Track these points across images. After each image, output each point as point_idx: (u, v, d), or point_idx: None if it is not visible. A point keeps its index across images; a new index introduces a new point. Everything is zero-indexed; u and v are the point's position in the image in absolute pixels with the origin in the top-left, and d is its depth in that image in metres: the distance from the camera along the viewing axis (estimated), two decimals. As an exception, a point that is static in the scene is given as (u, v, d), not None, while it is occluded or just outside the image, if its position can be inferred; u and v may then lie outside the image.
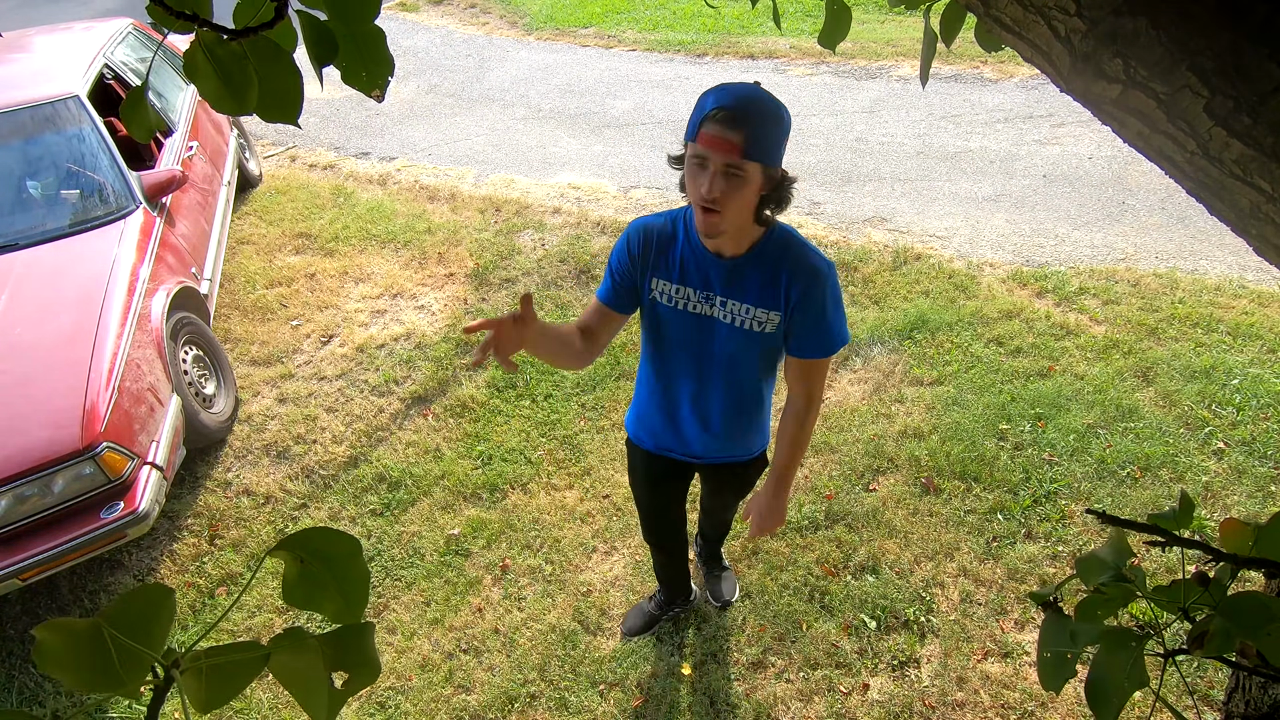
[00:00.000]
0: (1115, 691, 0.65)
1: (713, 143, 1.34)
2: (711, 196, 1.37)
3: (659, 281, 1.62)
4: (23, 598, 2.86)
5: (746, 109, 1.34)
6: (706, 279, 1.57)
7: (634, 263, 1.64)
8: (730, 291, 1.56)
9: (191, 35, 0.71)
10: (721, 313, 1.59)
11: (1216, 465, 2.85)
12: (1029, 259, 4.09)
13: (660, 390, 1.80)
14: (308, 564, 0.56)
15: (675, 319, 1.64)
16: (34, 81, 3.70)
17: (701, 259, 1.57)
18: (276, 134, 6.37)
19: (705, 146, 1.35)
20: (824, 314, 1.55)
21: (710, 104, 1.35)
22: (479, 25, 8.50)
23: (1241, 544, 0.71)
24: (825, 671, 2.34)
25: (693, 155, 1.39)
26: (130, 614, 0.46)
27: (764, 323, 1.57)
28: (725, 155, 1.34)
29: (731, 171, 1.36)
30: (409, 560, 2.83)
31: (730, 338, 1.61)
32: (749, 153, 1.34)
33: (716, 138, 1.33)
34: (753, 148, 1.34)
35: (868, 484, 2.93)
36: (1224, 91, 0.60)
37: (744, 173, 1.36)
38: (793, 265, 1.52)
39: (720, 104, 1.34)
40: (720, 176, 1.36)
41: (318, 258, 4.60)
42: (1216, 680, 2.19)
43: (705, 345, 1.65)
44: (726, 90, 1.36)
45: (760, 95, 1.37)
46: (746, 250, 1.53)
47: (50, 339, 2.75)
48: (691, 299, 1.60)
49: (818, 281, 1.52)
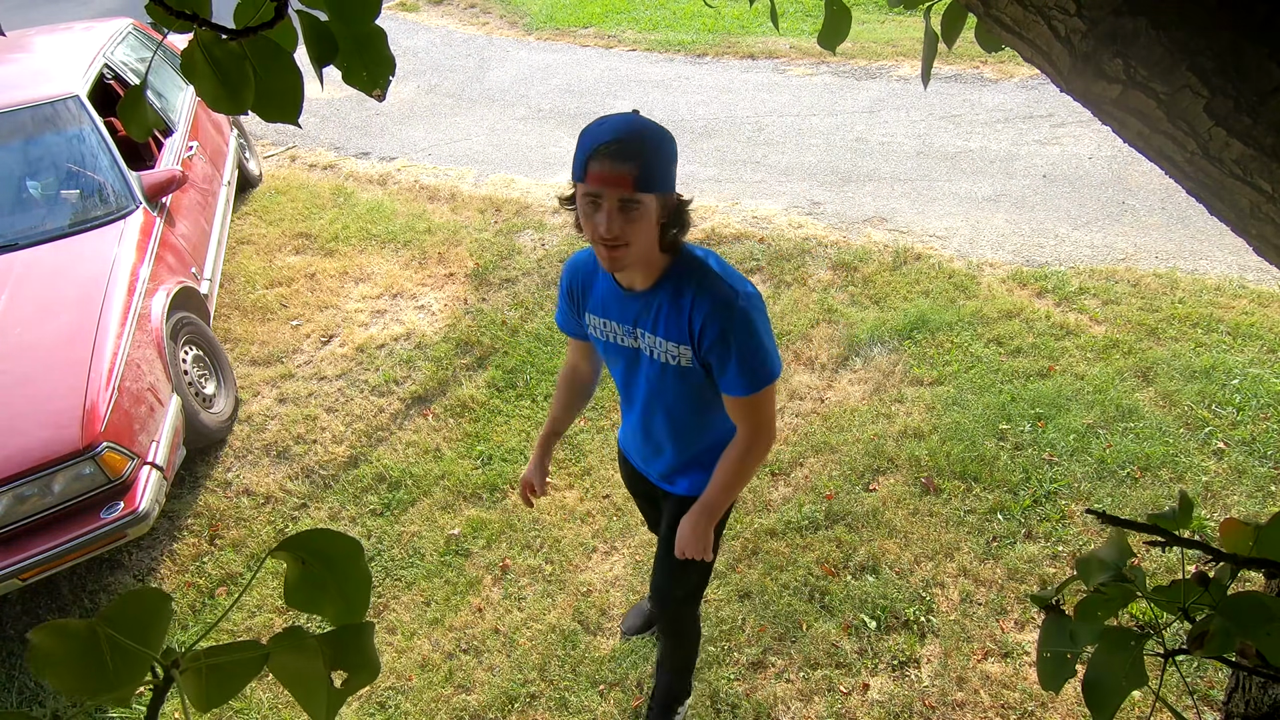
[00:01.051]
0: (1112, 690, 0.65)
1: (604, 179, 1.29)
2: (612, 234, 1.32)
3: (591, 316, 1.63)
4: (23, 598, 2.86)
5: (633, 141, 1.29)
6: (625, 313, 1.55)
7: (570, 302, 1.68)
8: (645, 324, 1.52)
9: (191, 35, 0.71)
10: (643, 344, 1.56)
11: (1216, 465, 2.85)
12: (1029, 259, 4.09)
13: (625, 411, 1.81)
14: (309, 566, 0.56)
15: (610, 352, 1.64)
16: (34, 81, 3.70)
17: (619, 293, 1.54)
18: (276, 134, 6.37)
19: (597, 184, 1.30)
20: (736, 348, 1.43)
21: (594, 140, 1.31)
22: (479, 25, 8.50)
23: (1241, 544, 0.71)
24: (825, 671, 2.34)
25: (584, 194, 1.34)
26: (126, 618, 0.46)
27: (677, 356, 1.51)
28: (618, 190, 1.30)
29: (627, 205, 1.32)
30: (409, 560, 2.83)
31: (654, 371, 1.57)
32: (642, 184, 1.30)
33: (607, 174, 1.29)
34: (645, 179, 1.30)
35: (868, 484, 2.93)
36: (1224, 91, 0.60)
37: (640, 205, 1.32)
38: (697, 296, 1.44)
39: (605, 139, 1.29)
40: (617, 213, 1.32)
41: (318, 258, 4.60)
42: (1216, 680, 2.19)
43: (638, 377, 1.63)
44: (608, 124, 1.32)
45: (644, 124, 1.33)
46: (655, 281, 1.48)
47: (50, 339, 2.76)
48: (617, 332, 1.58)
49: (726, 313, 1.42)
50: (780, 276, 4.11)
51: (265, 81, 0.72)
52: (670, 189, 1.38)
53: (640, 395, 1.66)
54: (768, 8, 1.75)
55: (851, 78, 6.33)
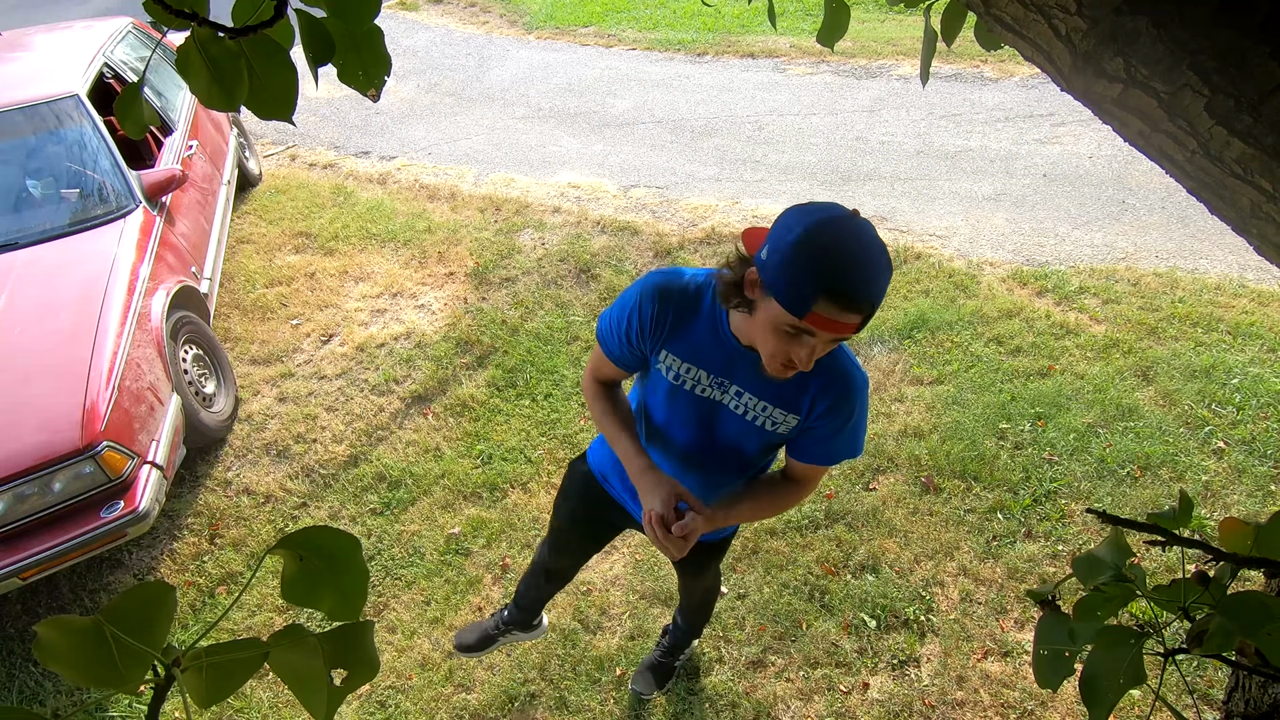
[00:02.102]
0: (1109, 688, 0.65)
1: (830, 327, 1.11)
2: (808, 368, 1.20)
3: (669, 355, 1.41)
4: (23, 596, 2.86)
5: (871, 286, 1.08)
6: (725, 366, 1.38)
7: (643, 332, 1.41)
8: (750, 386, 1.38)
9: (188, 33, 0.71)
10: (734, 403, 1.41)
11: (1216, 464, 2.85)
12: (1029, 258, 4.09)
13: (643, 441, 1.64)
14: (307, 561, 0.56)
15: (678, 397, 1.45)
16: (34, 81, 3.70)
17: (726, 344, 1.35)
18: (276, 133, 6.37)
19: (819, 329, 1.11)
20: (845, 428, 1.37)
21: (827, 280, 1.07)
22: (479, 24, 8.50)
23: (1241, 543, 0.71)
24: (825, 670, 2.34)
25: (793, 325, 1.13)
26: (130, 611, 0.47)
27: (779, 423, 1.39)
28: (840, 335, 1.13)
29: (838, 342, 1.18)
30: (409, 559, 2.83)
31: (736, 427, 1.43)
32: (863, 327, 1.14)
33: (835, 323, 1.10)
34: (867, 321, 1.13)
35: (868, 483, 2.93)
36: (1225, 90, 0.60)
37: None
38: (827, 373, 1.33)
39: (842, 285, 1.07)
40: (824, 347, 1.17)
41: (318, 257, 4.60)
42: (1216, 680, 2.19)
43: (705, 429, 1.47)
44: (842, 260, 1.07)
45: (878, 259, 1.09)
46: None
47: (50, 338, 2.75)
48: (702, 382, 1.41)
49: (850, 394, 1.34)
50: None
51: (261, 79, 0.72)
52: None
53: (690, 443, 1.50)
54: (767, 7, 1.75)
55: (852, 77, 6.33)
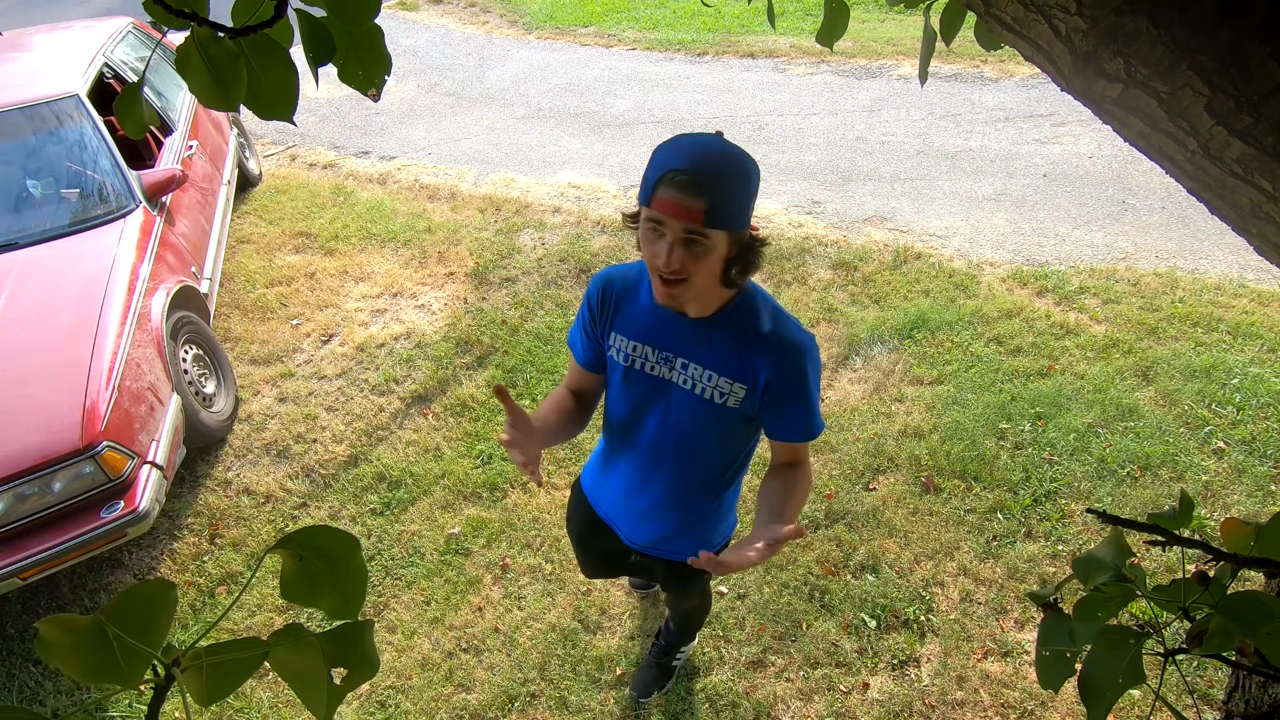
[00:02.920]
0: (1108, 687, 0.65)
1: (671, 210, 1.16)
2: (671, 269, 1.21)
3: (617, 336, 1.47)
4: (23, 596, 2.86)
5: (710, 171, 1.15)
6: (667, 339, 1.41)
7: (595, 318, 1.49)
8: (692, 355, 1.39)
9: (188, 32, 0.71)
10: (681, 377, 1.41)
11: (1216, 464, 2.85)
12: (1029, 258, 4.09)
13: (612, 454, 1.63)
14: (306, 561, 0.56)
15: (630, 380, 1.48)
16: (34, 80, 3.70)
17: (663, 316, 1.40)
18: (276, 133, 6.37)
19: (662, 212, 1.17)
20: (806, 393, 1.36)
21: (667, 163, 1.17)
22: (479, 24, 8.50)
23: (1242, 543, 0.71)
24: (825, 670, 2.34)
25: (648, 219, 1.21)
26: (131, 610, 0.47)
27: (726, 395, 1.38)
28: (685, 223, 1.17)
29: (693, 240, 1.19)
30: (409, 559, 2.83)
31: (687, 406, 1.43)
32: (712, 220, 1.16)
33: (675, 204, 1.16)
34: (717, 215, 1.16)
35: (868, 483, 2.93)
36: (1225, 90, 0.60)
37: (707, 241, 1.19)
38: (766, 337, 1.34)
39: (679, 165, 1.15)
40: (680, 246, 1.19)
41: (318, 257, 4.60)
42: (1216, 679, 2.19)
43: (660, 413, 1.47)
44: (685, 147, 1.17)
45: (726, 152, 1.18)
46: (714, 312, 1.36)
47: (50, 338, 2.75)
48: (649, 358, 1.43)
49: (797, 356, 1.34)
50: (780, 275, 4.11)
51: (260, 78, 0.73)
52: (744, 226, 1.24)
53: (651, 434, 1.50)
54: (766, 7, 1.75)
55: (852, 77, 6.33)
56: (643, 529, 1.66)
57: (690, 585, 1.87)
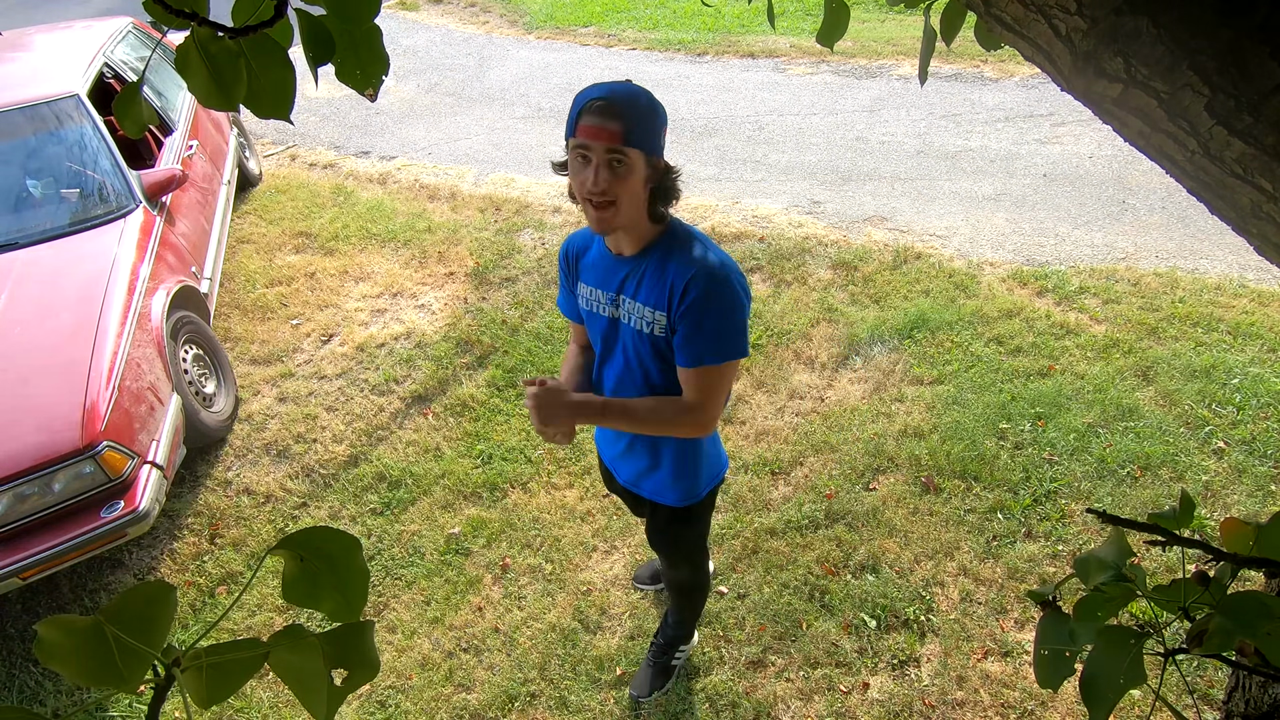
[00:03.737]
0: (1110, 688, 0.65)
1: (593, 132, 1.34)
2: (600, 188, 1.36)
3: (582, 286, 1.65)
4: (23, 596, 2.86)
5: (622, 99, 1.35)
6: (612, 280, 1.57)
7: (566, 276, 1.70)
8: (628, 290, 1.54)
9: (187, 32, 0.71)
10: (624, 313, 1.56)
11: (1216, 464, 2.85)
12: (1029, 258, 4.08)
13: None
14: (307, 562, 0.56)
15: (593, 323, 1.66)
16: (34, 80, 3.70)
17: (607, 260, 1.57)
18: (276, 133, 6.37)
19: (585, 137, 1.35)
20: (709, 314, 1.43)
21: (586, 97, 1.37)
22: (479, 24, 8.50)
23: (1242, 543, 0.71)
24: (825, 670, 2.34)
25: (575, 148, 1.38)
26: (131, 611, 0.47)
27: (652, 323, 1.50)
28: (607, 142, 1.34)
29: (614, 159, 1.35)
30: (409, 559, 2.83)
31: (633, 342, 1.57)
32: (630, 139, 1.34)
33: (596, 127, 1.34)
34: (633, 134, 1.34)
35: (868, 483, 2.93)
36: (1225, 90, 0.60)
37: (627, 159, 1.36)
38: (682, 263, 1.45)
39: (596, 95, 1.36)
40: (604, 168, 1.35)
41: (318, 257, 4.60)
42: (1216, 679, 2.19)
43: (617, 350, 1.63)
44: (600, 85, 1.39)
45: (634, 88, 1.38)
46: (642, 247, 1.51)
47: (50, 338, 2.75)
48: (601, 301, 1.60)
49: (706, 279, 1.42)
50: (780, 275, 4.11)
51: (259, 78, 0.72)
52: (658, 153, 1.41)
53: (616, 371, 1.65)
54: (766, 7, 1.77)
55: (852, 77, 6.33)
56: (624, 465, 1.81)
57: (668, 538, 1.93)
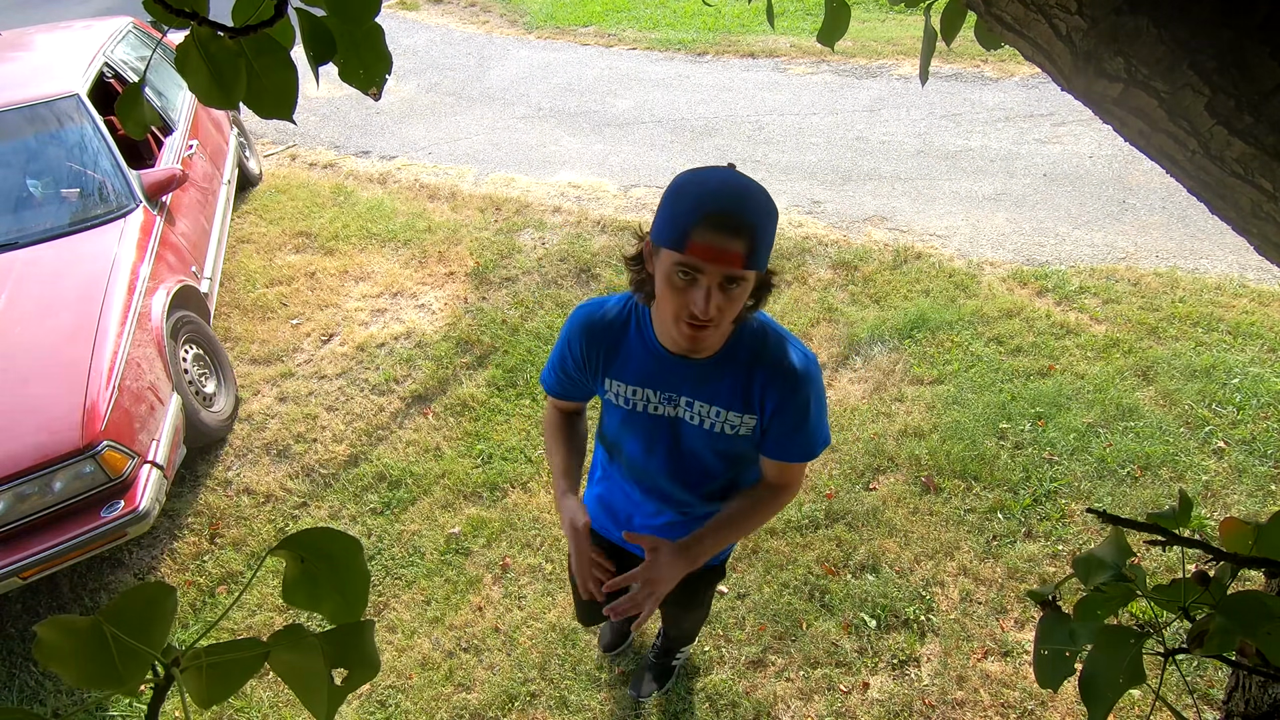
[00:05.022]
0: (1109, 688, 0.65)
1: (713, 255, 1.11)
2: (710, 316, 1.17)
3: (613, 383, 1.43)
4: (23, 596, 2.86)
5: (747, 211, 1.11)
6: (669, 380, 1.37)
7: (580, 368, 1.45)
8: (698, 394, 1.36)
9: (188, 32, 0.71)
10: (688, 414, 1.39)
11: (1216, 464, 2.85)
12: (1029, 258, 4.08)
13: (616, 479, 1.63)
14: (308, 563, 0.56)
15: (633, 420, 1.45)
16: (34, 80, 3.70)
17: (662, 359, 1.36)
18: (277, 132, 6.37)
19: (701, 258, 1.11)
20: (805, 418, 1.35)
21: (701, 205, 1.11)
22: (479, 24, 8.50)
23: (1241, 543, 0.71)
24: (825, 670, 2.34)
25: (680, 265, 1.14)
26: (130, 612, 0.46)
27: (737, 426, 1.37)
28: (728, 267, 1.12)
29: (730, 284, 1.15)
30: (409, 559, 2.83)
31: (699, 438, 1.42)
32: (751, 263, 1.13)
33: (716, 249, 1.10)
34: (756, 256, 1.13)
35: (868, 483, 2.93)
36: (1225, 90, 0.60)
37: (745, 283, 1.17)
38: (770, 366, 1.32)
39: (716, 207, 1.11)
40: (718, 291, 1.15)
41: (318, 256, 4.60)
42: (1216, 679, 2.19)
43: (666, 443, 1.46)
44: (713, 186, 1.13)
45: (753, 190, 1.14)
46: (717, 350, 1.33)
47: (50, 338, 2.75)
48: (652, 400, 1.40)
49: (798, 384, 1.32)
50: (780, 275, 4.11)
51: (260, 78, 0.72)
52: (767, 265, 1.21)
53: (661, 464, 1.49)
54: (766, 6, 1.75)
55: (852, 76, 6.33)
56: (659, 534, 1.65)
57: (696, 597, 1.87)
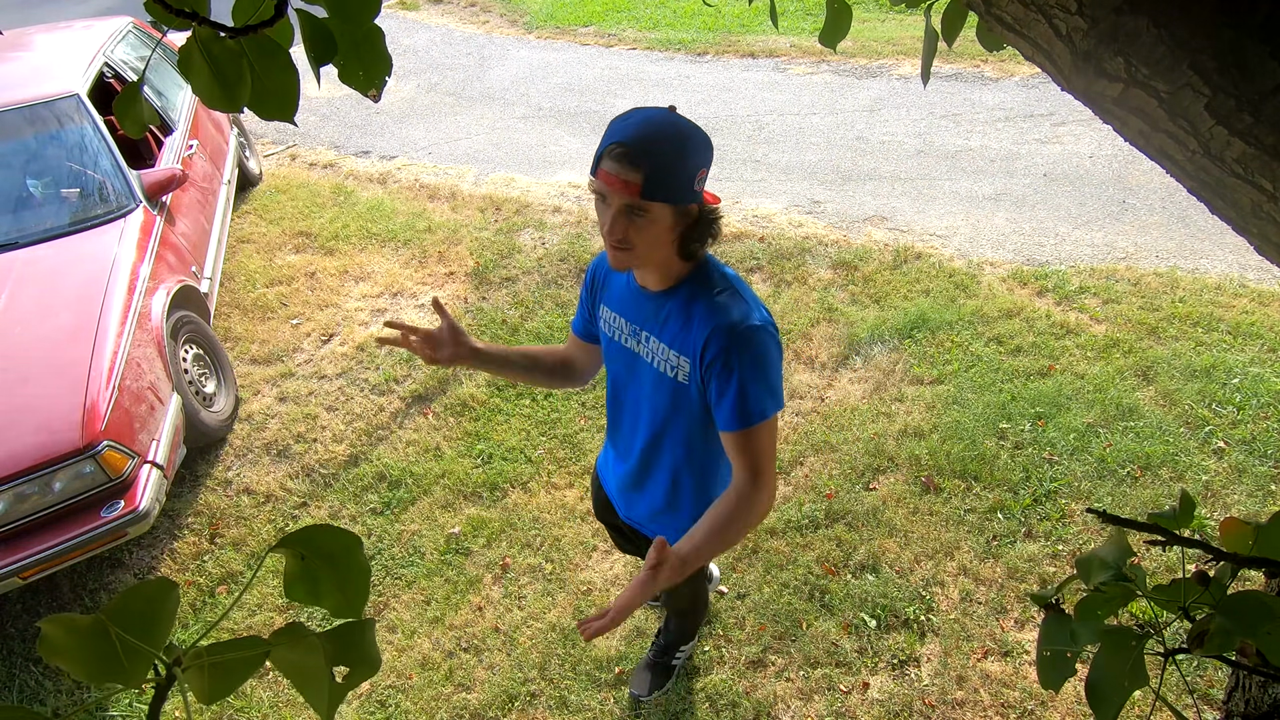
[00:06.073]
0: (1115, 690, 0.65)
1: (609, 181, 1.22)
2: (615, 237, 1.26)
3: (604, 309, 1.56)
4: (23, 596, 2.86)
5: (647, 145, 1.20)
6: (637, 314, 1.47)
7: (589, 292, 1.62)
8: (650, 326, 1.44)
9: (189, 33, 0.71)
10: (644, 349, 1.47)
11: (1217, 464, 2.85)
12: (1029, 258, 4.09)
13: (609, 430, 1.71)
14: (308, 560, 0.56)
15: (612, 352, 1.57)
16: (34, 80, 3.70)
17: (635, 291, 1.47)
18: (277, 132, 6.37)
19: (602, 183, 1.24)
20: (739, 372, 1.31)
21: (611, 136, 1.23)
22: (479, 24, 8.50)
23: (1241, 543, 0.71)
24: (825, 670, 2.34)
25: (594, 190, 1.27)
26: (133, 609, 0.47)
27: (676, 368, 1.40)
28: (623, 195, 1.22)
29: (634, 211, 1.24)
30: (409, 559, 2.83)
31: (652, 381, 1.47)
32: (649, 193, 1.21)
33: (613, 176, 1.21)
34: (654, 187, 1.20)
35: (868, 483, 2.93)
36: (1225, 90, 0.60)
37: (648, 213, 1.24)
38: (708, 314, 1.33)
39: (619, 138, 1.21)
40: (621, 216, 1.24)
41: (318, 256, 4.60)
42: (1216, 679, 2.20)
43: (634, 385, 1.54)
44: (630, 121, 1.23)
45: (667, 127, 1.22)
46: (671, 285, 1.40)
47: (50, 338, 2.75)
48: (624, 330, 1.51)
49: (736, 341, 1.30)
50: (780, 275, 4.11)
51: (262, 79, 0.72)
52: (688, 200, 1.27)
53: (630, 407, 1.57)
54: (767, 6, 1.75)
55: (852, 76, 6.33)
56: (634, 501, 1.72)
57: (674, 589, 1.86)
